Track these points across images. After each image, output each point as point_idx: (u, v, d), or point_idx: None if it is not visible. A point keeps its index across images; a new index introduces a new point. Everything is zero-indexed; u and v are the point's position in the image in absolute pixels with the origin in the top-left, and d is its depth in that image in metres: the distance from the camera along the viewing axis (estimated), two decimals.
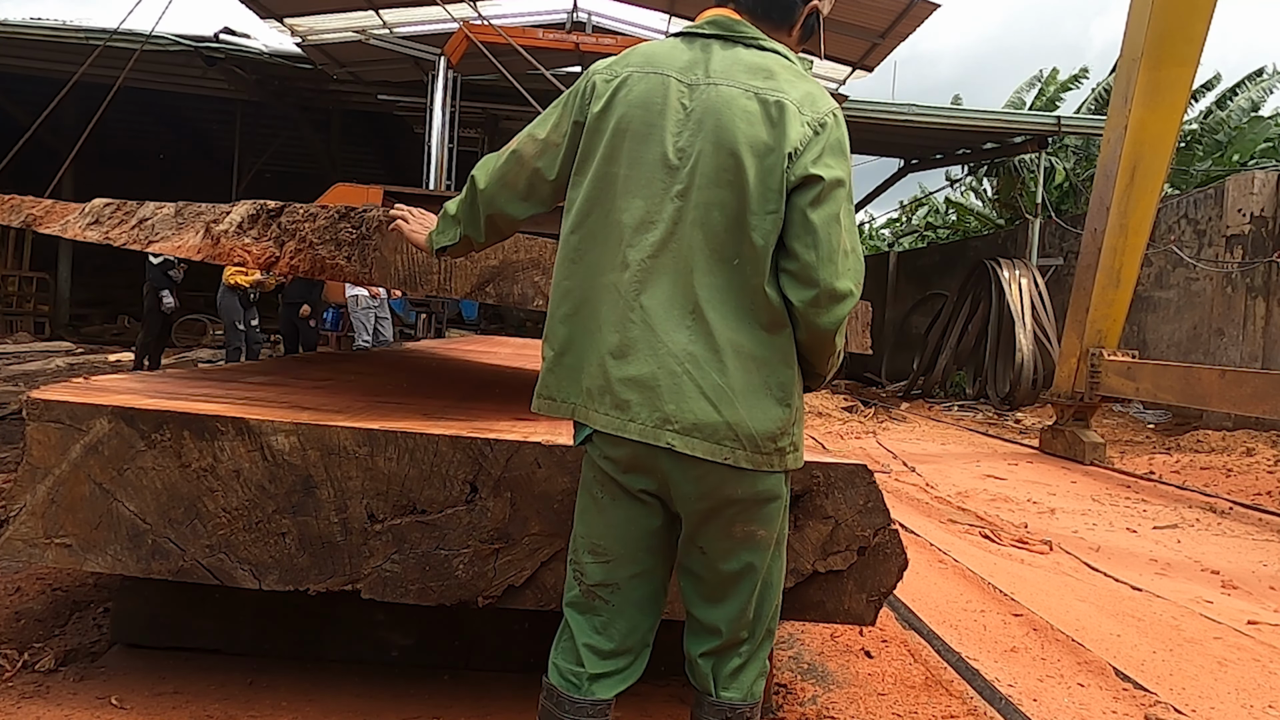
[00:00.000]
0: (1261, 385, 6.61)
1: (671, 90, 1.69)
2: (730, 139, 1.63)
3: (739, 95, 1.66)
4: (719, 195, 1.63)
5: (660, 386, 1.62)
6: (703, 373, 1.62)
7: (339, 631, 2.48)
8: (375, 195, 9.89)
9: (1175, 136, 8.16)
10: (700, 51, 1.73)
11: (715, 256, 1.63)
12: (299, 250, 2.09)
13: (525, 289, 2.35)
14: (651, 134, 1.68)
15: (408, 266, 2.13)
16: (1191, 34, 7.58)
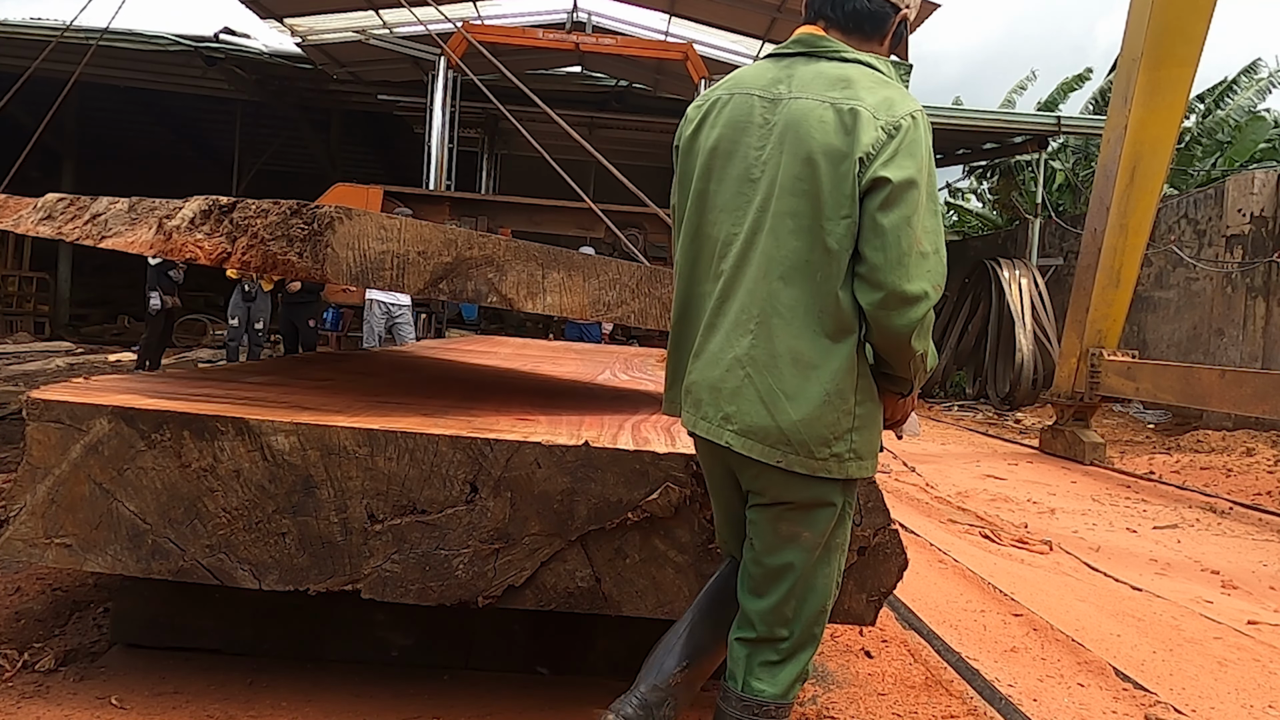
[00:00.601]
0: (1261, 385, 6.61)
1: (755, 108, 1.77)
2: (806, 148, 1.69)
3: (816, 106, 1.71)
4: (794, 204, 1.69)
5: (724, 388, 1.73)
6: (760, 377, 1.70)
7: (339, 631, 2.48)
8: (375, 195, 9.89)
9: (1175, 136, 8.16)
10: (784, 69, 1.80)
11: (789, 264, 1.70)
12: (251, 246, 2.07)
13: (479, 285, 2.35)
14: (736, 150, 1.78)
15: (359, 263, 2.12)
16: (1191, 34, 7.57)
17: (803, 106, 1.72)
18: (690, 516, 2.11)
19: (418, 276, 2.24)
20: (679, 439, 2.32)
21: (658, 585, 2.12)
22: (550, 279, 2.50)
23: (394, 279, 2.19)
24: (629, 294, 2.68)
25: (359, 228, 2.12)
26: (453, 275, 2.31)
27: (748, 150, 1.76)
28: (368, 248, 2.14)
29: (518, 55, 14.17)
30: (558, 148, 7.60)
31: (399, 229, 2.20)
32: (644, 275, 2.73)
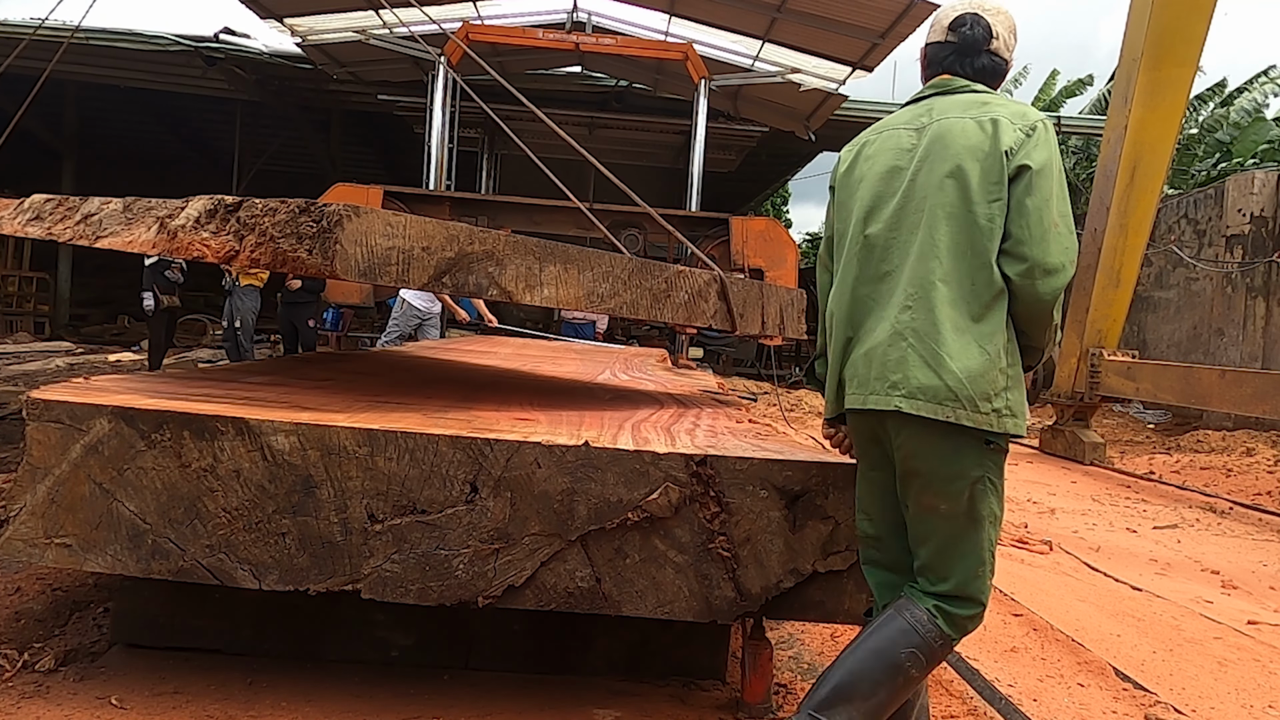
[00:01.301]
0: (1261, 385, 6.61)
1: (902, 138, 2.10)
2: (951, 151, 1.99)
3: (958, 121, 2.04)
4: (943, 197, 1.97)
5: (889, 360, 1.93)
6: (922, 344, 1.91)
7: (339, 631, 2.48)
8: (375, 195, 9.88)
9: (1175, 136, 8.16)
10: (924, 107, 2.14)
11: (943, 245, 1.94)
12: (260, 244, 2.10)
13: (480, 279, 2.40)
14: (887, 174, 2.08)
15: (367, 259, 2.15)
16: (1191, 34, 7.58)
17: (946, 124, 2.05)
18: (690, 516, 2.11)
19: (421, 271, 2.27)
20: (679, 439, 2.33)
21: (658, 585, 2.12)
22: (547, 272, 2.56)
23: (399, 274, 2.22)
24: (621, 286, 2.76)
25: (367, 225, 2.14)
26: (455, 270, 2.35)
27: (899, 171, 2.06)
28: (375, 244, 2.17)
29: (517, 55, 14.17)
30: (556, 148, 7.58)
31: (404, 225, 2.23)
32: (635, 268, 2.80)
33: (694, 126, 12.08)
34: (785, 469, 2.13)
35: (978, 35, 2.17)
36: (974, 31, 2.17)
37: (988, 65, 2.18)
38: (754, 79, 13.30)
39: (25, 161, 18.93)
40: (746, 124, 15.39)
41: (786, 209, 33.06)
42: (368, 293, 11.19)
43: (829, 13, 11.23)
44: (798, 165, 21.17)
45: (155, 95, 17.17)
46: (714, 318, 3.08)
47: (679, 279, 2.95)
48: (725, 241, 11.44)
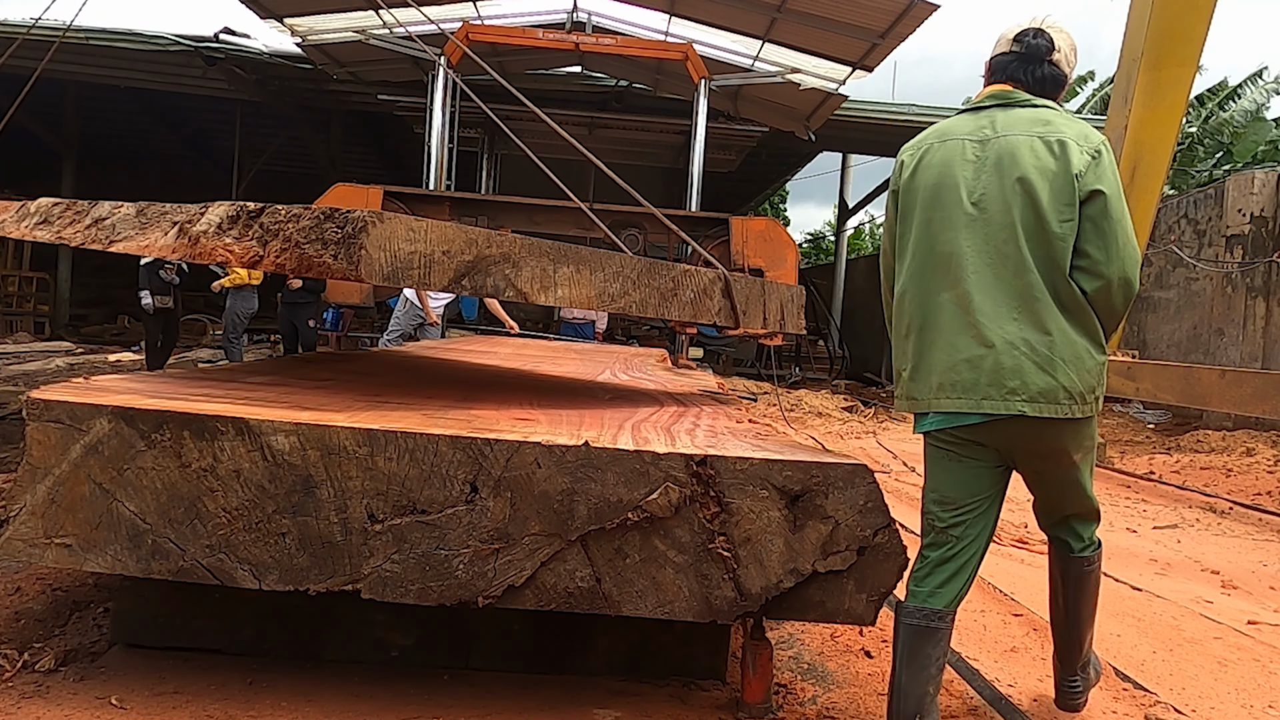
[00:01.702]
0: (1261, 385, 6.61)
1: (966, 149, 2.23)
2: (1020, 171, 2.14)
3: (1025, 140, 2.18)
4: (1020, 215, 2.14)
5: (1004, 368, 2.12)
6: (1035, 352, 2.11)
7: (339, 631, 2.48)
8: (375, 195, 9.88)
9: (1175, 137, 8.16)
10: (985, 117, 2.27)
11: (1031, 262, 2.13)
12: (284, 249, 2.14)
13: (497, 281, 2.47)
14: (953, 184, 2.21)
15: (390, 263, 2.19)
16: (1191, 34, 7.57)
17: (1012, 142, 2.18)
18: (690, 516, 2.11)
19: (442, 274, 2.33)
20: (679, 439, 2.33)
21: (658, 585, 2.12)
22: (561, 273, 2.63)
23: (421, 277, 2.28)
24: (631, 285, 2.83)
25: (390, 230, 2.19)
26: (474, 272, 2.41)
27: (964, 181, 2.20)
28: (398, 249, 2.22)
29: (517, 55, 14.17)
30: (556, 148, 7.56)
31: (425, 230, 2.28)
32: (644, 268, 2.88)
33: (694, 126, 12.08)
34: (785, 469, 2.13)
35: (1040, 45, 2.33)
36: (1037, 41, 2.33)
37: (1048, 75, 2.32)
38: (754, 79, 13.30)
39: (25, 161, 18.94)
40: (746, 124, 15.39)
41: (785, 208, 33.06)
42: (368, 293, 11.19)
43: (829, 13, 11.23)
44: (798, 165, 21.18)
45: (155, 95, 17.18)
46: (718, 314, 3.15)
47: (685, 278, 3.02)
48: (725, 241, 11.43)
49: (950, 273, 2.18)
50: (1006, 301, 2.13)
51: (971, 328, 2.14)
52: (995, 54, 2.40)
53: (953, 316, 2.17)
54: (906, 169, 2.31)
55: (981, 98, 2.32)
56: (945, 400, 2.17)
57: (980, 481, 2.27)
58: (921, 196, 2.25)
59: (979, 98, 2.33)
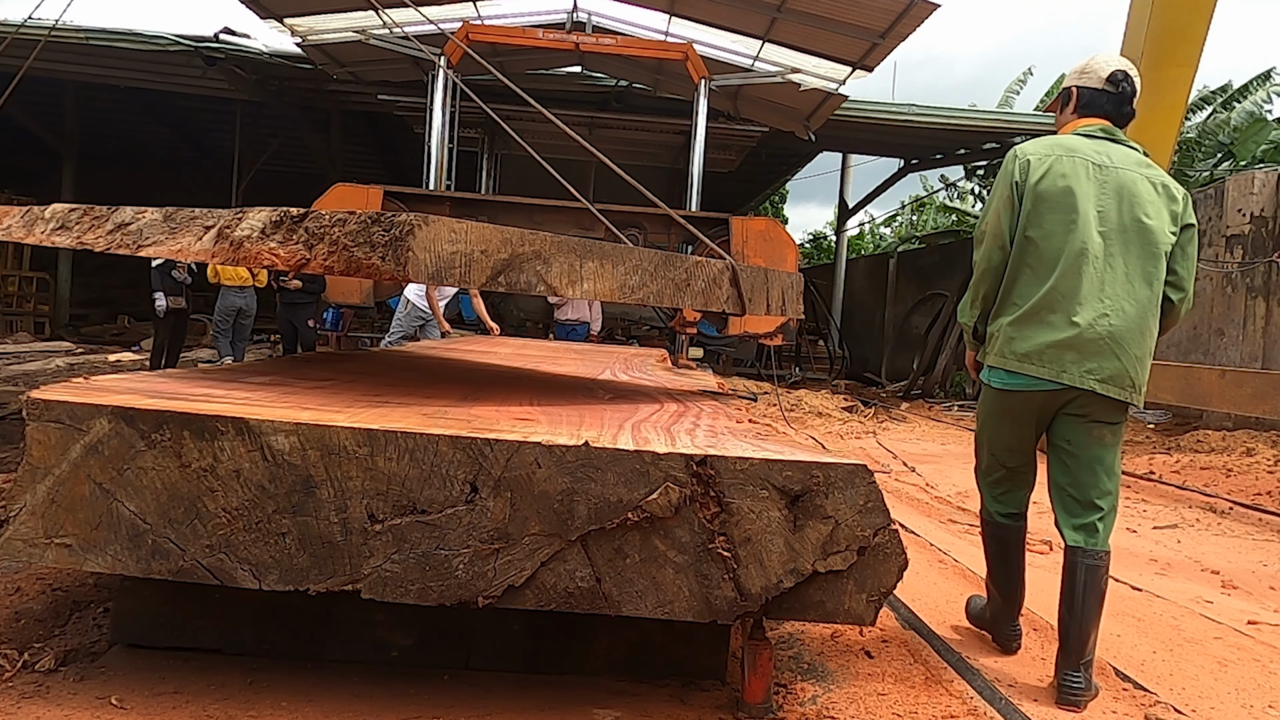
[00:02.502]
0: (1261, 385, 6.61)
1: (1089, 167, 2.75)
2: (1141, 205, 2.72)
3: (1139, 177, 2.76)
4: (1138, 238, 2.71)
5: (1086, 350, 2.66)
6: (1117, 345, 2.67)
7: (339, 631, 2.48)
8: (375, 195, 9.88)
9: (1175, 136, 8.16)
10: (1101, 145, 2.81)
11: (1139, 274, 2.71)
12: (332, 252, 2.24)
13: (529, 277, 2.58)
14: (1077, 195, 2.72)
15: (434, 263, 2.29)
16: (1191, 34, 7.58)
17: (1129, 176, 2.75)
18: (690, 516, 2.11)
19: (480, 272, 2.44)
20: (679, 439, 2.33)
21: (658, 585, 2.12)
22: (587, 268, 2.77)
23: (462, 275, 2.38)
24: (649, 277, 3.00)
25: (434, 232, 2.29)
26: (509, 269, 2.52)
27: (1088, 196, 2.71)
28: (441, 249, 2.32)
29: (517, 55, 14.16)
30: (556, 148, 7.58)
31: (466, 231, 2.39)
32: (660, 260, 3.06)
33: (694, 126, 12.08)
34: (785, 469, 2.13)
35: (1128, 92, 2.88)
36: (1126, 87, 2.88)
37: (1129, 114, 2.90)
38: (754, 79, 13.30)
39: (25, 162, 18.95)
40: (746, 124, 15.39)
41: (785, 208, 33.07)
42: (367, 292, 11.19)
43: (829, 13, 11.23)
44: (798, 165, 21.17)
45: (155, 95, 17.17)
46: (727, 302, 3.31)
47: (697, 268, 3.19)
48: (725, 241, 11.42)
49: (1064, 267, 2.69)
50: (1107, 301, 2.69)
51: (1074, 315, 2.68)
52: (1087, 86, 2.90)
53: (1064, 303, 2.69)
54: (1035, 170, 2.76)
55: (1093, 128, 2.85)
56: (1034, 366, 2.72)
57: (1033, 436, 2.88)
58: (1050, 198, 2.73)
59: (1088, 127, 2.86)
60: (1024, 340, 2.71)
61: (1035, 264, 2.73)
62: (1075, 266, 2.67)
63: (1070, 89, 2.94)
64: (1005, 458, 2.90)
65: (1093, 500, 2.72)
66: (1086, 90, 2.89)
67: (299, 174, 20.98)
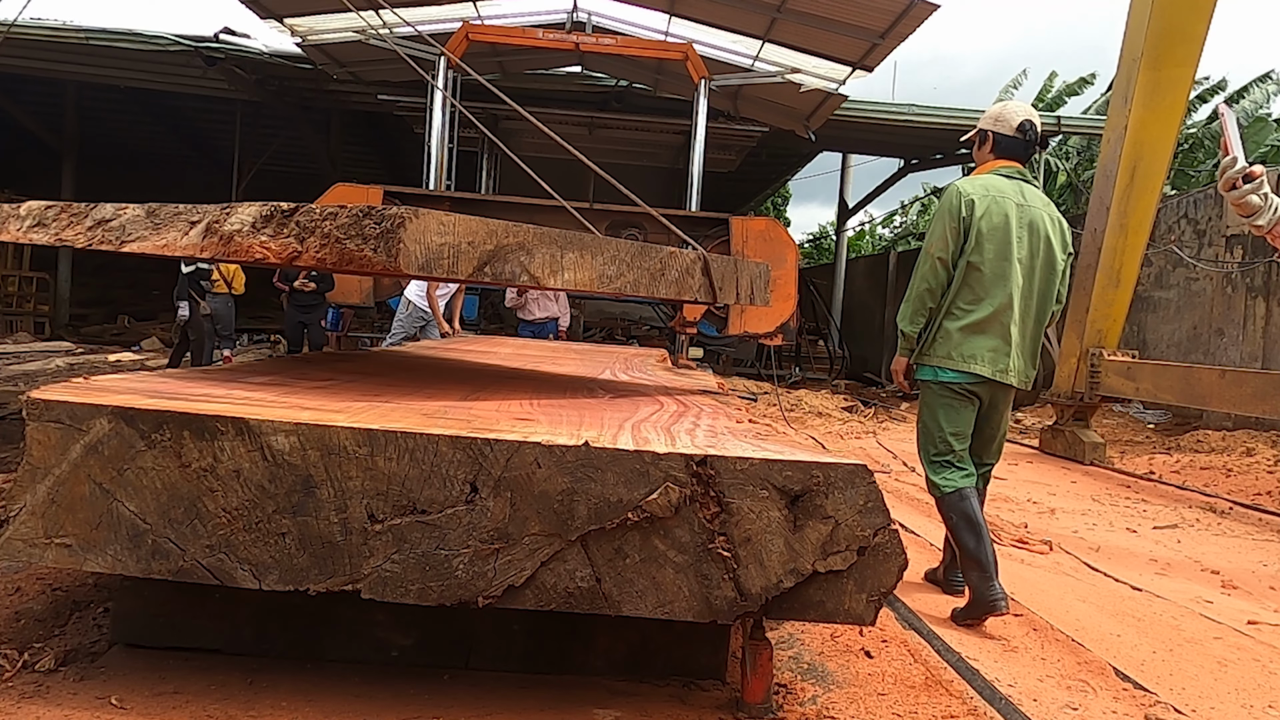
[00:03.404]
0: (1261, 385, 6.61)
1: (1012, 207, 3.40)
2: (1046, 237, 3.45)
3: (1044, 216, 3.47)
4: (1043, 266, 3.45)
5: (1002, 354, 3.38)
6: (1020, 350, 3.43)
7: (339, 631, 2.48)
8: (375, 195, 9.89)
9: (1175, 136, 8.15)
10: (1018, 185, 3.47)
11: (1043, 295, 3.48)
12: (324, 245, 2.28)
13: (514, 268, 2.65)
14: (1007, 229, 3.37)
15: (424, 254, 2.33)
16: (1191, 34, 7.57)
17: (1039, 214, 3.45)
18: (690, 516, 2.11)
19: (468, 263, 2.49)
20: (679, 439, 2.33)
21: (658, 585, 2.12)
22: (567, 258, 2.84)
23: (450, 267, 2.43)
24: (625, 267, 3.10)
25: (424, 224, 2.32)
26: (494, 260, 2.59)
27: (1013, 230, 3.37)
28: (430, 241, 2.35)
29: (517, 55, 14.17)
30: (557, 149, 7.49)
31: (454, 224, 2.43)
32: (636, 251, 3.17)
33: (694, 126, 12.08)
34: (785, 469, 2.13)
35: (1034, 139, 3.51)
36: (1034, 135, 3.51)
37: (1034, 154, 3.60)
38: (754, 79, 13.30)
39: (25, 161, 18.95)
40: (746, 124, 15.39)
41: (786, 209, 33.06)
42: (367, 292, 11.18)
43: (829, 13, 11.23)
44: (798, 165, 21.18)
45: (155, 95, 17.17)
46: (699, 291, 3.50)
47: (671, 259, 3.33)
48: (725, 241, 11.42)
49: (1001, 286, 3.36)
50: (1024, 315, 3.42)
51: (1008, 326, 3.37)
52: (1001, 133, 3.50)
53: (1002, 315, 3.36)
54: (977, 207, 3.35)
55: (1009, 170, 3.49)
56: (976, 366, 3.37)
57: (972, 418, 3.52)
58: (988, 232, 3.35)
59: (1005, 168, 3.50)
60: (971, 345, 3.37)
61: (976, 284, 3.37)
62: (1007, 290, 3.35)
63: (987, 132, 3.54)
64: (954, 441, 3.47)
65: (991, 461, 3.67)
66: (1001, 136, 3.51)
67: (299, 174, 20.98)
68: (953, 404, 3.45)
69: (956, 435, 3.46)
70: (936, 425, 3.48)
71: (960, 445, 3.47)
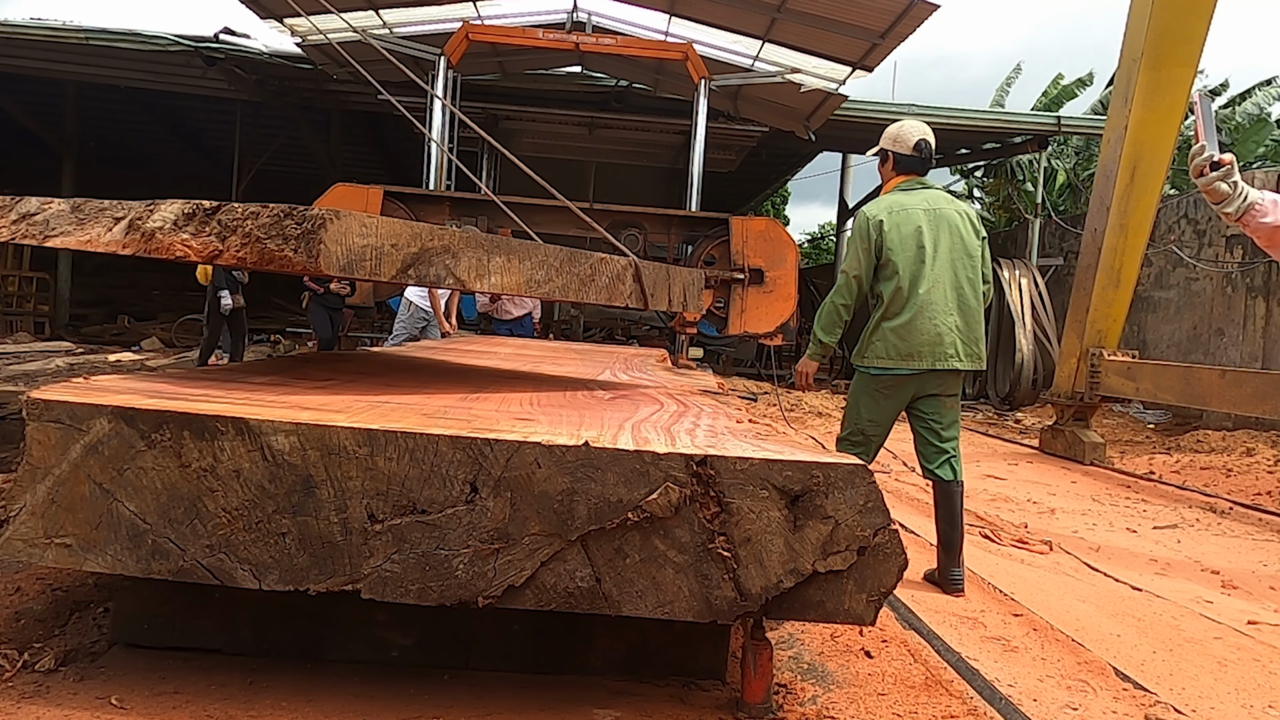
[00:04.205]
0: (1261, 385, 6.61)
1: (920, 215, 3.80)
2: (957, 229, 3.83)
3: (952, 213, 3.85)
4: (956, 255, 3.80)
5: (945, 340, 3.73)
6: (964, 332, 3.77)
7: (339, 631, 2.48)
8: (375, 195, 9.88)
9: (1175, 136, 8.16)
10: (921, 195, 3.87)
11: (967, 281, 3.80)
12: (244, 244, 2.28)
13: (439, 270, 2.68)
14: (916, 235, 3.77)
15: (346, 255, 2.35)
16: (1191, 34, 7.57)
17: (946, 212, 3.84)
18: (690, 516, 2.11)
19: (391, 265, 2.51)
20: (679, 439, 2.32)
21: (658, 585, 2.12)
22: (494, 262, 2.87)
23: (373, 268, 2.44)
24: (554, 272, 3.14)
25: (345, 226, 2.33)
26: (419, 263, 2.61)
27: (925, 235, 3.76)
28: (352, 242, 2.36)
29: (517, 55, 14.16)
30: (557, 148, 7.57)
31: (376, 226, 2.44)
32: (565, 256, 3.21)
33: (694, 126, 12.08)
34: (785, 469, 2.13)
35: (929, 155, 3.96)
36: (929, 151, 3.96)
37: (931, 167, 3.98)
38: (754, 79, 13.30)
39: (25, 161, 18.94)
40: (746, 124, 15.39)
41: (786, 208, 33.06)
42: (368, 292, 11.17)
43: (829, 13, 11.23)
44: (798, 165, 21.18)
45: (155, 95, 17.17)
46: (630, 297, 3.59)
47: (601, 265, 3.38)
48: (725, 241, 11.42)
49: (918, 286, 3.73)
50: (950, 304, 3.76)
51: (931, 319, 3.71)
52: (900, 152, 3.92)
53: (921, 309, 3.71)
54: (887, 225, 3.77)
55: (910, 183, 3.91)
56: (902, 360, 3.73)
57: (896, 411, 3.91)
58: (900, 242, 3.75)
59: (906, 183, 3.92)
60: (907, 344, 3.72)
61: (902, 289, 3.73)
62: (928, 287, 3.71)
63: (888, 152, 3.95)
64: (869, 429, 3.88)
65: (948, 446, 3.87)
66: (900, 155, 3.93)
67: (299, 174, 20.99)
68: (877, 396, 3.82)
69: (873, 423, 3.86)
70: (857, 411, 3.91)
71: (873, 432, 3.88)
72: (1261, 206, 2.50)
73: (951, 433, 3.90)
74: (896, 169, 3.94)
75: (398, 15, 13.31)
